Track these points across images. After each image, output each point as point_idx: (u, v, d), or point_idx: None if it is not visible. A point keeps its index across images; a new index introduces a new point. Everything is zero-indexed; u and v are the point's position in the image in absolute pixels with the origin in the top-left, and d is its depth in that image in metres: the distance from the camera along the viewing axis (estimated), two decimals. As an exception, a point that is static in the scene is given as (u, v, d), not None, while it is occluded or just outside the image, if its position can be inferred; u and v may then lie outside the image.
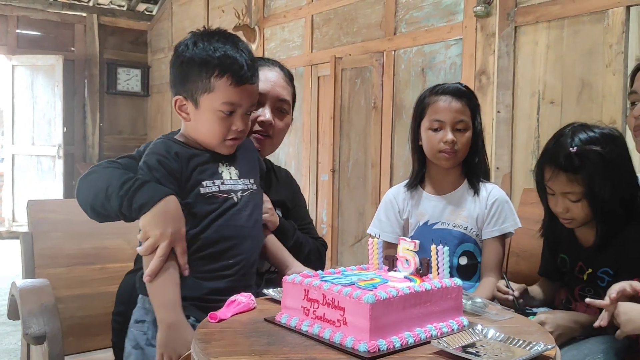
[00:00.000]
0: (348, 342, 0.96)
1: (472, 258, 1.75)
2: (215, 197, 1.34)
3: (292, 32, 4.64)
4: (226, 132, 1.35)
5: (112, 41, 7.02)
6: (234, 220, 1.35)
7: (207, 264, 1.32)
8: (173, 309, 1.24)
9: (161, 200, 1.25)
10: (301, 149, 4.53)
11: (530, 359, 0.93)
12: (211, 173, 1.36)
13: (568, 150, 1.42)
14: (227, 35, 1.38)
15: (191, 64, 1.33)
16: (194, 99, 1.34)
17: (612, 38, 2.50)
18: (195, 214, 1.32)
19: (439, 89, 1.74)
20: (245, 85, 1.33)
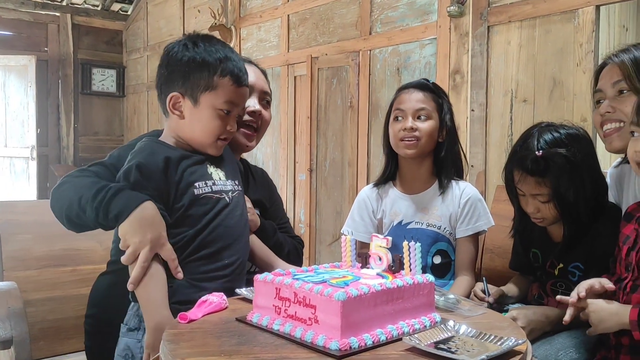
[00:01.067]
0: (319, 341, 0.96)
1: (446, 257, 1.76)
2: (209, 197, 1.34)
3: (268, 31, 4.62)
4: (221, 131, 1.37)
5: (87, 41, 6.91)
6: (227, 220, 1.35)
7: (203, 265, 1.31)
8: (158, 308, 1.22)
9: (137, 207, 1.24)
10: (278, 148, 4.51)
11: (501, 353, 0.93)
12: (202, 174, 1.36)
13: (534, 154, 1.44)
14: (217, 39, 1.42)
15: (190, 63, 1.34)
16: (194, 97, 1.35)
17: (582, 37, 2.54)
18: (191, 215, 1.31)
19: (406, 85, 1.80)
20: (243, 87, 1.38)
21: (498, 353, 0.92)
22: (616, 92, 1.42)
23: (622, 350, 1.23)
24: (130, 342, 1.32)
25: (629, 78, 1.39)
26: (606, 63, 1.48)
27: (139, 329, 1.30)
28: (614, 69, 1.44)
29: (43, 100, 6.55)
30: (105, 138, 6.99)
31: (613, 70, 1.44)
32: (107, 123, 7.06)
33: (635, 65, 1.39)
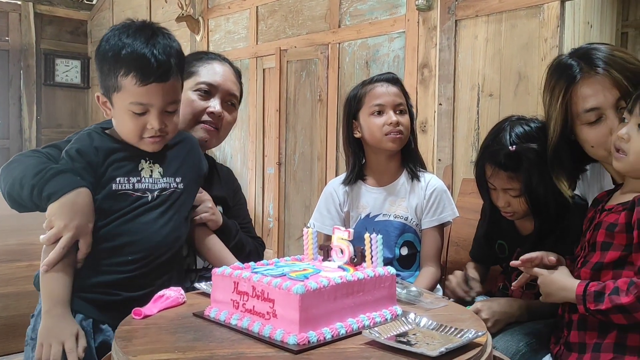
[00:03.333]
0: (277, 335, 0.94)
1: (412, 248, 1.77)
2: (128, 195, 1.31)
3: (236, 23, 4.56)
4: (140, 130, 1.31)
5: (50, 31, 6.72)
6: (141, 218, 1.31)
7: (104, 258, 1.28)
8: (60, 303, 1.20)
9: (72, 191, 1.22)
10: (247, 142, 4.46)
11: (461, 345, 0.92)
12: (129, 170, 1.32)
13: (507, 149, 1.45)
14: (143, 28, 1.31)
15: (103, 61, 1.30)
16: (109, 97, 1.31)
17: (547, 32, 2.56)
18: (102, 209, 1.28)
19: (373, 78, 1.78)
20: (152, 84, 1.27)
21: (457, 345, 0.92)
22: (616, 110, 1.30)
23: (573, 326, 1.25)
24: (29, 328, 1.32)
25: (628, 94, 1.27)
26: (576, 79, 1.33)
27: (37, 314, 1.29)
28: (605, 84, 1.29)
29: (4, 91, 6.36)
30: (69, 131, 6.81)
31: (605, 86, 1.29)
32: (71, 115, 6.88)
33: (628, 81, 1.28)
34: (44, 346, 1.15)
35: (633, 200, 1.19)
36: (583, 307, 1.18)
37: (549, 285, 1.27)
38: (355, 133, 1.78)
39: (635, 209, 1.17)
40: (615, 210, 1.23)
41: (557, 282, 1.25)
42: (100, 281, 1.26)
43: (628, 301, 1.11)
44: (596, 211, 1.31)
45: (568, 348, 1.26)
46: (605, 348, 1.18)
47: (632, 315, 1.12)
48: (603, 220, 1.24)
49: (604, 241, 1.23)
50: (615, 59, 1.30)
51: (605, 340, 1.19)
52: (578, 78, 1.31)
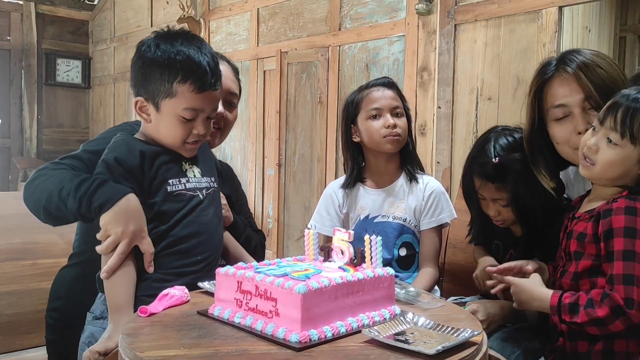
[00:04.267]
0: (280, 333, 0.96)
1: (411, 249, 1.79)
2: (182, 194, 1.33)
3: (238, 25, 4.59)
4: (187, 135, 1.34)
5: (51, 31, 6.74)
6: (201, 217, 1.35)
7: (176, 261, 1.31)
8: (125, 309, 1.22)
9: (122, 198, 1.24)
10: (247, 143, 4.49)
11: (457, 344, 0.95)
12: (176, 171, 1.35)
13: (492, 162, 1.49)
14: (190, 37, 1.35)
15: (153, 66, 1.30)
16: (155, 102, 1.32)
17: (545, 37, 2.60)
18: (164, 212, 1.30)
19: (369, 83, 1.82)
20: (208, 91, 1.31)
21: (454, 344, 0.94)
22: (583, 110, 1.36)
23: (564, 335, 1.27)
24: (95, 330, 1.33)
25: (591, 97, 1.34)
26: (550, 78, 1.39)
27: (105, 317, 1.30)
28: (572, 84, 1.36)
29: (5, 90, 6.38)
30: (70, 130, 6.84)
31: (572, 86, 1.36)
32: (72, 115, 6.91)
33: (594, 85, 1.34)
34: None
35: (598, 212, 1.21)
36: (558, 318, 1.20)
37: (521, 294, 1.28)
38: (354, 137, 1.81)
39: (600, 222, 1.19)
40: (583, 219, 1.26)
41: (529, 291, 1.27)
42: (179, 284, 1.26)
43: (604, 314, 1.13)
44: (569, 218, 1.33)
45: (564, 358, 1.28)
46: (595, 355, 1.21)
47: (607, 327, 1.14)
48: (574, 230, 1.27)
49: (576, 251, 1.25)
50: (589, 63, 1.35)
51: (595, 347, 1.21)
52: (550, 76, 1.39)
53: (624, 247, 1.15)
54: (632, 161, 1.20)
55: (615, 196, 1.22)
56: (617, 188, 1.24)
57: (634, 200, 1.18)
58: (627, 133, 1.18)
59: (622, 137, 1.18)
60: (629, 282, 1.13)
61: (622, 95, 1.22)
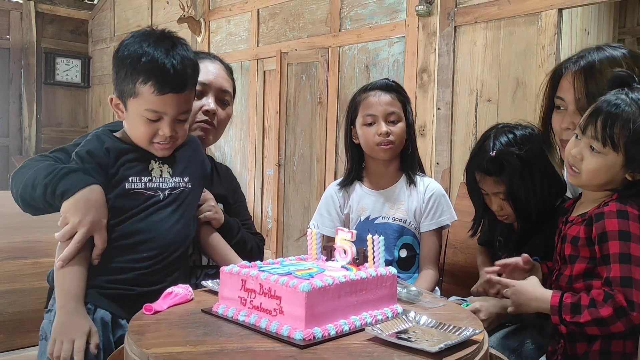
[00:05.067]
0: (284, 331, 0.97)
1: (411, 250, 1.80)
2: (141, 193, 1.35)
3: (238, 25, 4.60)
4: (151, 135, 1.35)
5: (51, 30, 6.74)
6: (154, 216, 1.35)
7: (119, 255, 1.31)
8: (74, 298, 1.23)
9: (84, 187, 1.26)
10: (247, 143, 4.50)
11: (459, 342, 0.96)
12: (140, 170, 1.36)
13: (489, 155, 1.52)
14: (163, 37, 1.35)
15: (121, 65, 1.33)
16: (123, 101, 1.35)
17: (544, 39, 2.61)
18: (116, 207, 1.32)
19: (368, 86, 1.81)
20: (170, 94, 1.31)
21: (456, 342, 0.95)
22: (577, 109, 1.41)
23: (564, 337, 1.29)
24: (44, 323, 1.35)
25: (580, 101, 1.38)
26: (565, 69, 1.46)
27: (52, 310, 1.31)
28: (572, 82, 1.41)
29: (4, 89, 6.38)
30: (68, 129, 6.84)
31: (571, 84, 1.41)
32: (71, 114, 6.91)
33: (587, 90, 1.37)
34: (56, 342, 1.18)
35: (590, 216, 1.23)
36: (558, 317, 1.20)
37: (519, 296, 1.29)
38: (354, 139, 1.82)
39: (593, 225, 1.21)
40: (575, 222, 1.28)
41: (527, 292, 1.27)
42: (118, 278, 1.30)
43: (607, 314, 1.14)
44: (563, 222, 1.35)
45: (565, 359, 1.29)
46: (593, 356, 1.22)
47: (608, 327, 1.15)
48: (567, 233, 1.28)
49: (571, 254, 1.27)
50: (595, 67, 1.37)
51: (593, 348, 1.22)
52: (568, 65, 1.44)
53: (620, 250, 1.16)
54: (617, 167, 1.21)
55: (606, 199, 1.23)
56: (607, 192, 1.25)
57: (624, 203, 1.19)
58: (608, 141, 1.19)
59: (604, 146, 1.19)
60: (627, 285, 1.14)
61: (602, 101, 1.22)
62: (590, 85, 1.35)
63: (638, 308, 1.13)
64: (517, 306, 1.30)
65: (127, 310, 1.27)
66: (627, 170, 1.21)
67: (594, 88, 1.34)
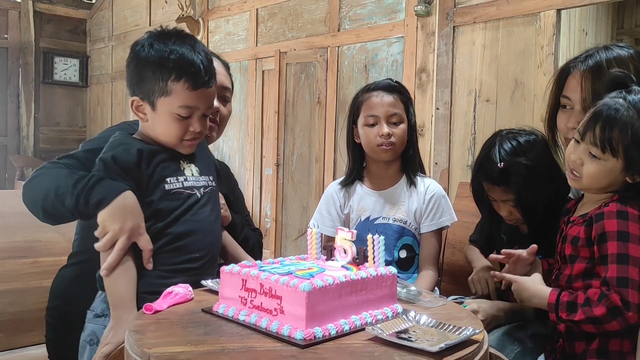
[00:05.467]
0: (284, 331, 0.98)
1: (411, 251, 1.80)
2: (180, 193, 1.34)
3: (236, 25, 4.60)
4: (183, 133, 1.35)
5: (49, 29, 6.74)
6: (198, 215, 1.36)
7: (173, 258, 1.32)
8: (124, 300, 1.24)
9: (119, 195, 1.25)
10: (245, 143, 4.50)
11: (459, 342, 0.97)
12: (174, 169, 1.36)
13: (497, 167, 1.52)
14: (184, 36, 1.37)
15: (147, 66, 1.32)
16: (151, 101, 1.33)
17: (543, 40, 2.62)
18: (161, 209, 1.32)
19: (371, 86, 1.80)
20: (202, 89, 1.33)
21: (456, 342, 0.96)
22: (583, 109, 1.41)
23: (563, 336, 1.29)
24: (96, 328, 1.33)
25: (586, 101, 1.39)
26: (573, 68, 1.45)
27: (106, 315, 1.30)
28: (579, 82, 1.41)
29: (2, 88, 6.37)
30: (67, 129, 6.84)
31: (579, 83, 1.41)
32: (69, 114, 6.90)
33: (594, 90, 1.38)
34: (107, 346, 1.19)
35: (590, 216, 1.24)
36: (555, 315, 1.22)
37: (521, 292, 1.30)
38: (356, 138, 1.82)
39: (593, 226, 1.22)
40: (576, 223, 1.29)
41: (529, 289, 1.29)
42: (175, 281, 1.27)
43: (600, 313, 1.15)
44: (564, 222, 1.36)
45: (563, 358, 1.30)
46: (590, 355, 1.23)
47: (603, 325, 1.17)
48: (568, 233, 1.29)
49: (571, 254, 1.28)
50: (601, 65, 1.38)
51: (591, 346, 1.23)
52: (575, 64, 1.44)
53: (618, 251, 1.17)
54: (617, 171, 1.21)
55: (607, 200, 1.24)
56: (608, 193, 1.25)
57: (624, 204, 1.20)
58: (607, 147, 1.19)
59: (604, 152, 1.20)
60: (623, 285, 1.15)
61: (601, 107, 1.22)
62: (597, 85, 1.35)
63: (634, 308, 1.14)
64: (520, 301, 1.32)
65: None
66: (627, 173, 1.21)
67: (600, 88, 1.34)
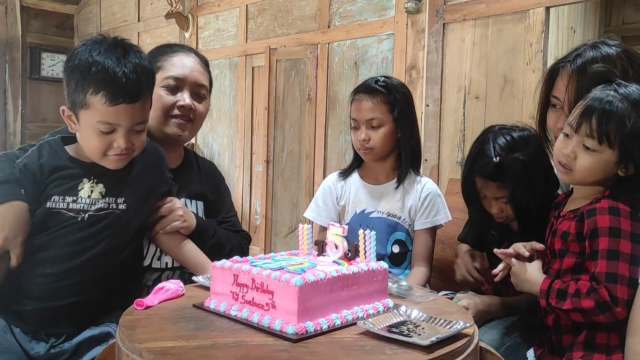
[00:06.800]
0: (276, 325, 0.98)
1: (403, 246, 1.81)
2: (62, 214, 1.31)
3: (226, 21, 4.58)
4: (106, 148, 1.31)
5: (36, 24, 6.66)
6: (68, 236, 1.31)
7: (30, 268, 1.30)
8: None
9: (5, 203, 1.24)
10: (235, 139, 4.49)
11: (450, 336, 0.97)
12: (67, 189, 1.32)
13: (493, 162, 1.51)
14: (115, 45, 1.30)
15: (72, 75, 1.28)
16: (75, 113, 1.30)
17: (532, 37, 2.63)
18: (36, 224, 1.30)
19: (359, 87, 1.81)
20: (122, 104, 1.26)
21: (447, 335, 0.96)
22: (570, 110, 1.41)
23: (550, 329, 1.31)
24: None
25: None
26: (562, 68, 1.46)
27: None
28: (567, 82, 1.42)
29: (-12, 84, 6.30)
30: (54, 125, 6.73)
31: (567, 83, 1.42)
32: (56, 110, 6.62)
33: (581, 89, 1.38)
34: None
35: (582, 212, 1.24)
36: (545, 301, 1.23)
37: (518, 276, 1.32)
38: None
39: (585, 222, 1.22)
40: (567, 218, 1.29)
41: (524, 274, 1.30)
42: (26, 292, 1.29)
43: (589, 306, 1.16)
44: (555, 217, 1.36)
45: (551, 351, 1.31)
46: (577, 347, 1.24)
47: (591, 317, 1.18)
48: (558, 228, 1.30)
49: (561, 249, 1.29)
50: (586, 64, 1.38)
51: (578, 339, 1.24)
52: (564, 65, 1.45)
53: (609, 247, 1.18)
54: (612, 163, 1.22)
55: (598, 196, 1.25)
56: (599, 188, 1.26)
57: (616, 200, 1.21)
58: (604, 139, 1.20)
59: (600, 143, 1.20)
60: (612, 281, 1.16)
61: (593, 99, 1.23)
62: (584, 86, 1.35)
63: (622, 304, 1.15)
64: (515, 285, 1.34)
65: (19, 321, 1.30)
66: (620, 166, 1.22)
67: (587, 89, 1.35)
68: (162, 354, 0.87)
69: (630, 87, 1.23)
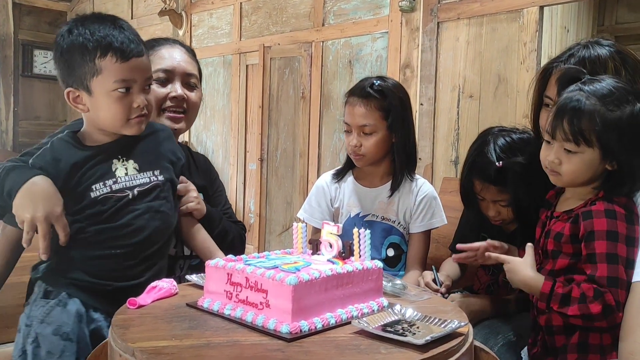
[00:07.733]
0: (270, 325, 0.97)
1: (398, 249, 1.79)
2: (109, 197, 1.31)
3: (220, 19, 4.56)
4: (128, 111, 1.31)
5: (28, 21, 6.61)
6: (121, 215, 1.31)
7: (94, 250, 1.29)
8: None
9: (26, 181, 1.23)
10: (229, 137, 4.48)
11: (445, 335, 0.97)
12: (102, 174, 1.32)
13: (495, 165, 1.50)
14: (103, 16, 1.34)
15: (71, 51, 1.28)
16: (85, 86, 1.29)
17: (526, 36, 2.64)
18: (91, 215, 1.29)
19: (353, 89, 1.75)
20: (132, 59, 1.29)
21: (442, 334, 0.96)
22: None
23: (543, 330, 1.31)
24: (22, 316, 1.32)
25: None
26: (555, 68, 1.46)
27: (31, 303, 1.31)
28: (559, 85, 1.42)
29: (-20, 81, 6.25)
30: (47, 123, 6.72)
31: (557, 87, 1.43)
32: (49, 107, 6.79)
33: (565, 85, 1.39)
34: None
35: (577, 213, 1.24)
36: (545, 304, 1.22)
37: (512, 275, 1.30)
38: None
39: (581, 224, 1.21)
40: (561, 219, 1.29)
41: (519, 273, 1.28)
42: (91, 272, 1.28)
43: (596, 311, 1.15)
44: (547, 217, 1.36)
45: (545, 352, 1.31)
46: (571, 349, 1.24)
47: (593, 322, 1.17)
48: (551, 229, 1.29)
49: (554, 250, 1.28)
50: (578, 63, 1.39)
51: (571, 341, 1.24)
52: (556, 65, 1.45)
53: (607, 250, 1.17)
54: (597, 161, 1.21)
55: (592, 197, 1.24)
56: (592, 187, 1.26)
57: (611, 202, 1.21)
58: (580, 139, 1.19)
59: (578, 145, 1.20)
60: (614, 285, 1.15)
61: (562, 102, 1.23)
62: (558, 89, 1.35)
63: (622, 308, 1.15)
64: (511, 283, 1.32)
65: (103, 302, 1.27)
66: (606, 161, 1.22)
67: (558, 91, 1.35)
68: (155, 354, 0.87)
69: (597, 83, 1.22)
